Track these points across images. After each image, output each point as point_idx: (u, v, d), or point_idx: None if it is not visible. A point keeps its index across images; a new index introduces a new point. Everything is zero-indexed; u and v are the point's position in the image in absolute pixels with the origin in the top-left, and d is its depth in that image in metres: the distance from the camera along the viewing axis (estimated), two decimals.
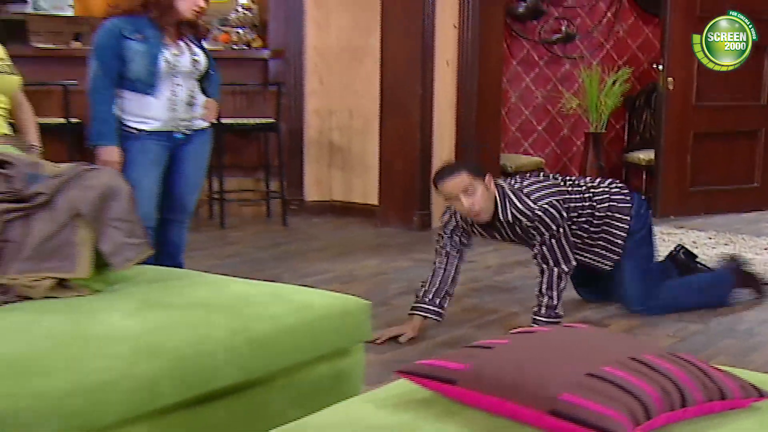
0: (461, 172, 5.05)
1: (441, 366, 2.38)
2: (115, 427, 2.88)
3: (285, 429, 2.42)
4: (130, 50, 5.33)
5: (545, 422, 2.14)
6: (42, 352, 2.91)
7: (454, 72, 8.32)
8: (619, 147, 10.16)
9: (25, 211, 3.71)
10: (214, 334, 3.18)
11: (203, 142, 5.68)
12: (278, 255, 7.38)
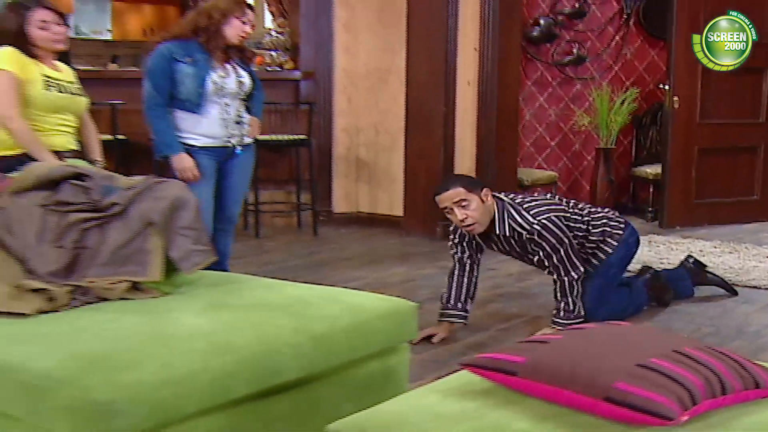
0: (457, 185, 5.09)
1: (502, 359, 2.50)
2: (195, 416, 3.01)
3: (362, 414, 2.53)
4: (181, 72, 5.49)
5: (600, 408, 2.26)
6: (129, 347, 3.03)
7: (474, 92, 8.41)
8: (627, 162, 10.23)
9: (101, 220, 3.85)
10: (279, 333, 3.30)
11: (248, 157, 5.83)
12: (312, 263, 7.48)
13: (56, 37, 5.14)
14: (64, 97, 5.16)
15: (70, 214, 3.87)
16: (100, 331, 3.20)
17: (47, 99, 5.06)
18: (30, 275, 3.71)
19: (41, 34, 5.07)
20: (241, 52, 5.72)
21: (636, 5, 10.11)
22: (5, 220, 3.88)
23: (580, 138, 10.02)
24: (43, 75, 5.07)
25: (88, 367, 2.86)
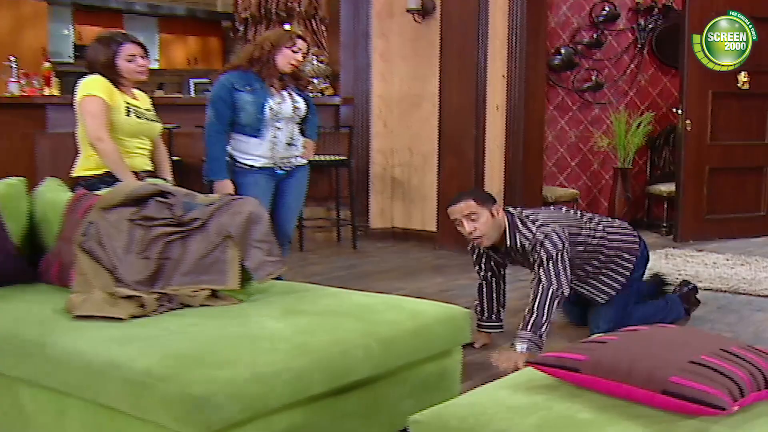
0: (468, 199, 5.01)
1: (565, 357, 2.62)
2: (279, 410, 3.13)
3: (441, 407, 2.62)
4: (241, 100, 5.62)
5: (657, 400, 2.38)
6: (218, 348, 3.16)
7: (503, 116, 8.50)
8: (642, 180, 10.31)
9: (183, 233, 3.99)
10: (350, 336, 3.42)
11: (302, 177, 5.95)
12: (355, 275, 7.58)
13: (140, 69, 5.30)
14: (142, 122, 5.31)
15: (155, 228, 4.01)
16: (190, 333, 3.34)
17: (128, 124, 5.21)
18: (119, 283, 3.85)
19: (128, 66, 5.22)
20: (297, 80, 5.84)
21: (649, 36, 10.20)
22: (95, 234, 4.03)
23: (599, 158, 10.11)
24: (125, 102, 5.22)
25: (185, 365, 2.99)
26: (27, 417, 3.49)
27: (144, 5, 15.26)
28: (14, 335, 3.50)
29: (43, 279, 4.25)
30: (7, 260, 4.18)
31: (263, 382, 3.02)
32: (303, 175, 5.97)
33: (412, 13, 8.92)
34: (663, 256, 8.28)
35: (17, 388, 3.51)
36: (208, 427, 2.87)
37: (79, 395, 3.26)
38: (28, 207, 4.56)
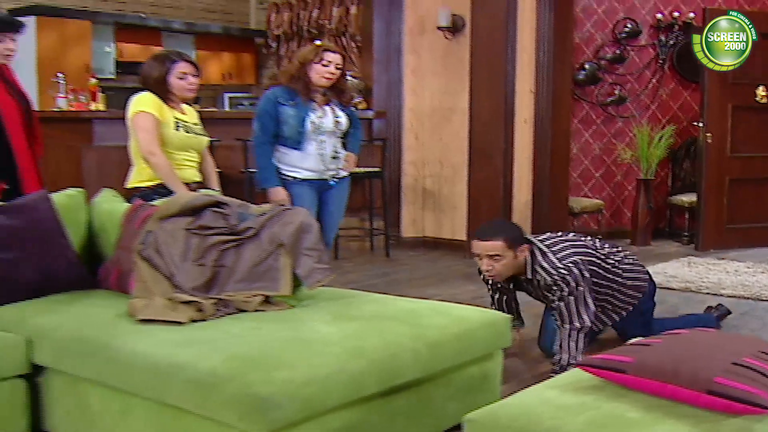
0: (499, 239, 4.69)
1: (611, 359, 2.67)
2: (335, 410, 3.20)
3: (495, 406, 2.67)
4: (284, 114, 5.71)
5: (702, 400, 2.43)
6: (277, 350, 3.23)
7: (530, 129, 8.58)
8: (664, 191, 10.32)
9: (237, 242, 4.07)
10: (400, 340, 3.48)
11: (343, 188, 6.01)
12: (389, 282, 7.63)
13: (190, 87, 5.36)
14: (190, 136, 5.38)
15: (210, 237, 4.09)
16: (249, 336, 3.40)
17: (177, 138, 5.29)
18: (177, 290, 3.93)
19: (179, 83, 5.29)
20: (339, 94, 5.91)
21: (669, 52, 10.21)
22: (153, 242, 4.10)
23: (622, 170, 10.13)
24: (174, 117, 5.30)
25: (247, 366, 3.06)
26: (92, 415, 3.57)
27: (181, 23, 15.37)
28: (80, 338, 3.58)
29: (103, 285, 4.33)
30: (69, 268, 4.26)
31: (320, 383, 3.08)
32: (345, 187, 6.03)
33: (443, 31, 8.99)
34: (686, 264, 8.30)
35: (83, 387, 3.59)
36: (270, 425, 2.93)
37: (143, 395, 3.33)
38: (87, 217, 4.65)
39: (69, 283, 4.24)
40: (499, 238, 4.69)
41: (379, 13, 9.70)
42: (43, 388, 3.76)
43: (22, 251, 4.10)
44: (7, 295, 4.02)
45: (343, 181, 5.99)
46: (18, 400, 3.69)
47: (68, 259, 4.28)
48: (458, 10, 8.91)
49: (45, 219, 4.29)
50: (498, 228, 4.91)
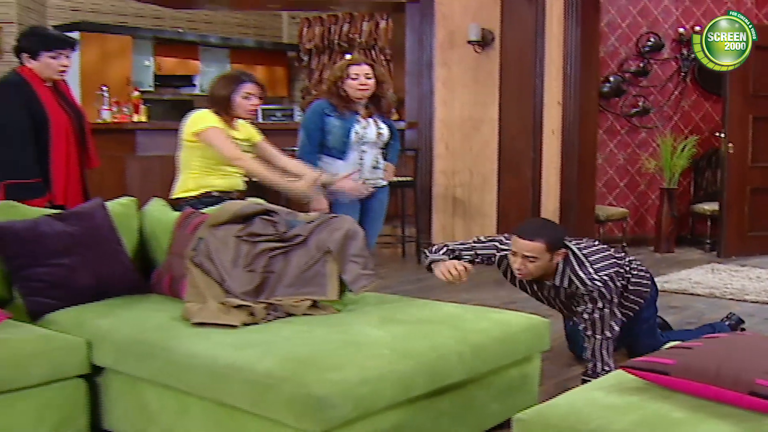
0: (540, 241, 4.40)
1: (654, 361, 2.70)
2: (385, 410, 3.24)
3: (543, 406, 2.70)
4: (329, 125, 5.76)
5: (745, 401, 2.45)
6: (329, 352, 3.27)
7: (558, 139, 8.60)
8: (686, 199, 10.31)
9: (285, 249, 4.11)
10: (445, 342, 3.52)
11: (384, 197, 6.05)
12: (423, 287, 7.63)
13: (251, 108, 5.36)
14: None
15: (260, 243, 4.14)
16: (301, 339, 3.45)
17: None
18: (228, 294, 3.98)
19: (243, 103, 5.29)
20: (378, 105, 5.94)
21: (691, 65, 10.20)
22: (205, 249, 4.16)
23: (645, 179, 10.12)
24: (232, 136, 5.31)
25: (302, 367, 3.11)
26: (150, 414, 3.62)
27: (217, 38, 15.46)
28: (138, 340, 3.63)
29: (155, 290, 4.38)
30: (124, 273, 4.32)
31: (372, 383, 3.12)
32: (384, 196, 6.06)
33: (473, 44, 9.03)
34: (710, 271, 8.30)
35: (141, 387, 3.64)
36: (325, 424, 2.98)
37: (200, 394, 3.38)
38: (138, 224, 4.71)
39: (124, 288, 4.30)
40: (540, 240, 4.40)
41: (411, 28, 9.77)
42: (102, 387, 3.82)
43: (81, 257, 4.16)
44: (67, 298, 4.08)
45: (383, 191, 6.02)
46: (79, 399, 3.74)
47: (123, 265, 4.34)
48: (488, 24, 8.96)
49: (101, 226, 4.36)
50: (541, 228, 4.55)
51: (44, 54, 5.10)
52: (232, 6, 12.68)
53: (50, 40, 5.17)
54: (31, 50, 5.12)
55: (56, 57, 5.12)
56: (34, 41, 5.16)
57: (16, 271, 4.08)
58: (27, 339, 3.63)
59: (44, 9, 13.76)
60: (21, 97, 5.05)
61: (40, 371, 3.57)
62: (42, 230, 4.13)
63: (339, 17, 15.50)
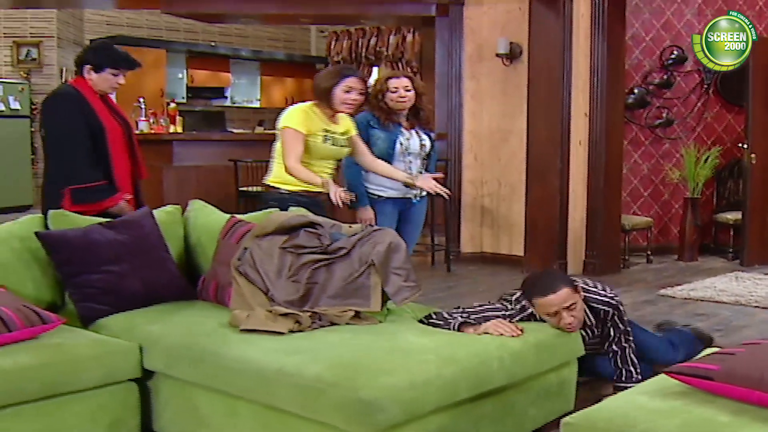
0: (565, 286, 4.01)
1: (698, 367, 2.72)
2: (431, 414, 3.28)
3: (589, 410, 2.72)
4: (374, 136, 5.72)
5: None
6: (376, 358, 3.31)
7: (585, 150, 8.60)
8: (709, 209, 10.28)
9: (329, 261, 4.13)
10: (486, 349, 3.55)
11: (422, 207, 6.04)
12: (453, 294, 7.67)
13: (352, 102, 5.28)
14: (333, 148, 5.31)
15: (304, 255, 4.16)
16: (348, 345, 3.49)
17: (323, 149, 5.25)
18: (273, 303, 4.01)
19: (342, 96, 5.21)
20: (417, 116, 5.90)
21: (714, 77, 10.20)
22: (250, 258, 4.20)
23: (669, 189, 10.11)
24: (324, 129, 5.24)
25: (351, 372, 3.15)
26: (200, 417, 3.66)
27: (248, 51, 15.58)
28: (189, 345, 3.68)
29: (201, 297, 4.43)
30: (171, 280, 4.37)
31: (419, 388, 3.16)
32: (423, 206, 6.04)
33: (501, 58, 9.06)
34: (734, 279, 8.28)
35: (191, 391, 3.69)
36: (375, 428, 3.02)
37: (250, 398, 3.42)
38: (183, 232, 4.76)
39: (171, 294, 4.35)
40: (563, 285, 4.02)
41: (440, 42, 9.81)
42: (152, 391, 3.87)
43: (130, 264, 4.22)
44: (117, 304, 4.14)
45: (422, 200, 6.02)
46: (131, 402, 3.79)
47: (170, 272, 4.40)
48: (516, 38, 8.98)
49: (150, 234, 4.42)
50: (553, 277, 4.20)
51: (108, 70, 5.17)
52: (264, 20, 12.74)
53: (118, 58, 5.24)
54: (96, 64, 5.18)
55: (117, 74, 5.21)
56: (102, 56, 5.22)
57: (69, 277, 4.15)
58: (82, 343, 3.68)
59: (82, 24, 13.91)
60: (78, 107, 5.12)
61: (94, 375, 3.63)
62: (93, 238, 4.20)
63: (366, 31, 15.57)
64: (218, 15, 11.13)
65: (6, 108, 12.58)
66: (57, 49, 13.24)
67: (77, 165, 5.05)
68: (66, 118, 5.08)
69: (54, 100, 5.21)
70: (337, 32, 15.95)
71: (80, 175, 5.03)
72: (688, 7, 9.91)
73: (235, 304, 4.06)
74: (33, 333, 3.61)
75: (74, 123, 5.07)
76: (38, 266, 4.22)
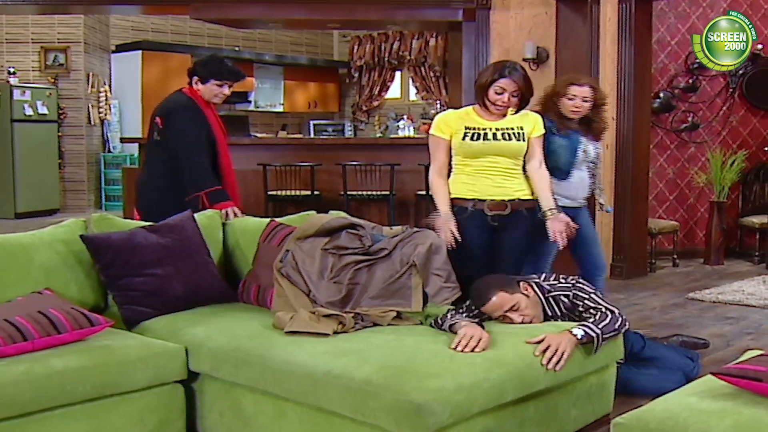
0: (496, 293, 3.97)
1: (747, 368, 2.73)
2: (478, 415, 3.30)
3: (640, 411, 2.73)
4: (554, 144, 5.28)
5: None
6: (423, 361, 3.33)
7: (612, 153, 8.60)
8: (734, 213, 10.28)
9: (370, 262, 4.18)
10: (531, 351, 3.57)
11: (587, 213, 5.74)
12: None
13: (503, 103, 4.74)
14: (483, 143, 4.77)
15: (346, 256, 4.21)
16: (394, 347, 3.51)
17: (465, 147, 4.78)
18: (315, 305, 4.06)
19: (493, 97, 4.75)
20: (588, 128, 5.53)
21: (739, 81, 10.20)
22: (292, 260, 4.24)
23: (695, 193, 10.12)
24: (466, 126, 4.79)
25: (400, 375, 3.17)
26: (247, 418, 3.70)
27: (272, 55, 15.66)
28: (234, 347, 3.71)
29: (242, 299, 4.47)
30: (213, 283, 4.41)
31: (467, 390, 3.18)
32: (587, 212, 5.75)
33: (528, 62, 9.08)
34: (761, 282, 8.28)
35: (237, 393, 3.72)
36: (425, 430, 3.05)
37: (298, 400, 3.45)
38: (222, 235, 4.80)
39: (213, 297, 4.39)
40: (500, 290, 3.99)
41: (467, 46, 9.83)
42: (198, 392, 3.90)
43: (173, 267, 4.26)
44: (160, 307, 4.18)
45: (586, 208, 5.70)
46: (176, 403, 3.82)
47: (212, 275, 4.43)
48: (542, 42, 9.02)
49: (192, 237, 4.46)
50: (485, 286, 4.08)
51: (213, 81, 5.39)
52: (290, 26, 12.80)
53: (222, 71, 5.44)
54: (202, 75, 5.40)
55: (221, 86, 5.42)
56: (209, 69, 5.43)
57: (113, 280, 4.19)
58: (130, 346, 3.72)
59: (108, 29, 14.01)
60: (199, 116, 5.41)
61: (142, 376, 3.67)
62: (137, 241, 4.24)
63: (389, 35, 15.64)
64: (246, 20, 11.19)
65: (34, 113, 12.70)
66: (84, 55, 13.34)
67: (206, 170, 5.36)
68: (193, 127, 5.37)
69: (180, 111, 5.43)
70: (360, 37, 16.02)
71: (210, 180, 5.33)
72: (713, 11, 9.92)
73: (278, 306, 4.10)
74: (81, 335, 3.65)
75: (199, 131, 5.38)
76: (82, 269, 4.27)
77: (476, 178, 4.79)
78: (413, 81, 15.90)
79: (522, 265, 4.96)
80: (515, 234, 4.78)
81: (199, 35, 14.85)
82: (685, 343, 5.58)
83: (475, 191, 4.78)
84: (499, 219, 4.74)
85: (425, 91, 15.60)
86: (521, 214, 4.79)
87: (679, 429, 2.57)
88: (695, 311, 6.97)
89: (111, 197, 13.89)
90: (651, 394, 3.47)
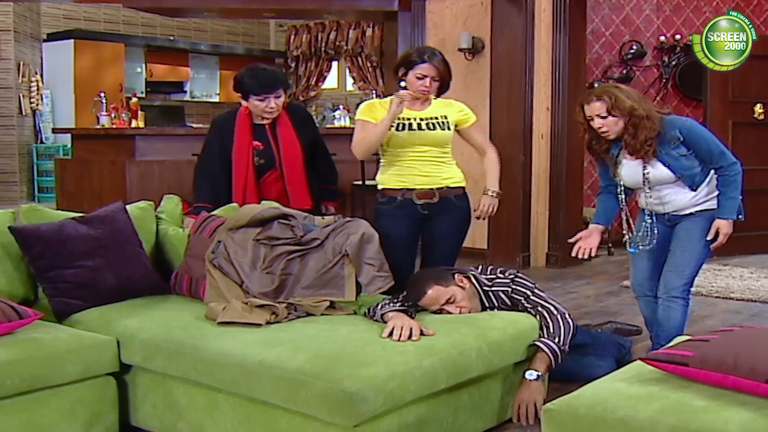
0: (431, 285, 4.03)
1: (674, 353, 2.80)
2: (412, 403, 3.35)
3: (570, 397, 2.78)
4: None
5: (761, 389, 2.56)
6: (355, 350, 3.35)
7: (547, 143, 8.69)
8: None
9: (302, 252, 4.18)
10: (465, 340, 3.61)
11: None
12: None
13: (424, 89, 4.82)
14: (411, 133, 4.83)
15: (278, 247, 4.21)
16: (327, 337, 3.52)
17: (395, 138, 4.80)
18: (248, 295, 4.05)
19: (414, 83, 4.80)
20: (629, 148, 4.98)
21: (672, 72, 10.35)
22: (224, 251, 4.24)
23: None
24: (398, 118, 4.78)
25: (332, 364, 3.19)
26: (180, 410, 3.69)
27: (207, 45, 15.56)
28: (167, 339, 3.69)
29: (175, 291, 4.44)
30: (145, 274, 4.38)
31: (399, 378, 3.21)
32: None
33: (463, 52, 9.11)
34: None
35: (170, 384, 3.71)
36: (357, 418, 3.07)
37: (231, 391, 3.45)
38: (155, 227, 4.77)
39: (145, 289, 4.36)
40: (429, 285, 4.05)
41: (402, 36, 9.82)
42: (130, 385, 3.88)
43: (104, 259, 4.22)
44: (91, 299, 4.13)
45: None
46: (108, 396, 3.79)
47: (144, 267, 4.40)
48: (478, 32, 9.04)
49: (123, 229, 4.41)
50: (420, 280, 4.17)
51: (252, 97, 5.21)
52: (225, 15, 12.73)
53: (256, 86, 5.19)
54: (242, 92, 5.27)
55: (263, 100, 5.18)
56: (245, 85, 5.24)
57: (42, 272, 4.14)
58: (60, 338, 3.68)
59: (39, 17, 13.81)
60: (224, 134, 5.35)
61: (73, 369, 3.63)
62: (67, 233, 4.19)
63: (326, 25, 15.61)
64: (180, 9, 11.09)
65: None
66: (14, 43, 13.14)
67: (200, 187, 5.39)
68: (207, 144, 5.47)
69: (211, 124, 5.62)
70: (296, 26, 15.97)
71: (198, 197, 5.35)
72: (647, 2, 10.05)
73: (211, 297, 4.10)
74: (10, 328, 3.60)
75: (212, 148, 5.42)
76: (11, 261, 4.20)
77: (404, 168, 4.84)
78: (350, 71, 15.89)
79: (457, 255, 5.02)
80: (446, 221, 4.85)
81: (132, 24, 14.70)
82: (618, 330, 5.69)
83: (403, 181, 4.85)
84: (429, 207, 4.82)
85: (362, 81, 15.60)
86: (450, 202, 4.87)
87: (607, 414, 2.63)
88: (629, 299, 7.05)
89: (44, 189, 13.69)
90: (584, 381, 3.52)
